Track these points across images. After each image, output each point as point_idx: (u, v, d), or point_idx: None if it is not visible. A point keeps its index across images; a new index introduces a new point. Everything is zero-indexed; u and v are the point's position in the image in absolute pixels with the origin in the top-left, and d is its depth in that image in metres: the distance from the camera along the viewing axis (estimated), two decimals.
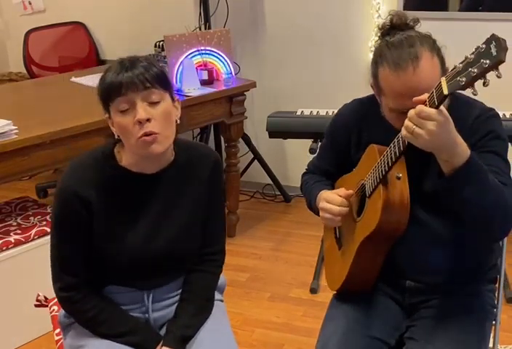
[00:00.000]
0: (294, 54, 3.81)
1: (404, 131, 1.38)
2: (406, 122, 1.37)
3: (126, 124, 1.50)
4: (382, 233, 1.54)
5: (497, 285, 1.80)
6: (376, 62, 1.55)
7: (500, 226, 1.51)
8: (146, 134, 1.50)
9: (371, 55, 1.65)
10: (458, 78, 1.25)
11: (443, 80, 1.29)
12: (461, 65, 1.26)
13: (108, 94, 1.51)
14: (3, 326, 2.53)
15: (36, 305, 1.93)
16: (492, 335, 1.76)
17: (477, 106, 1.64)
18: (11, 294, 2.54)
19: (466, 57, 1.25)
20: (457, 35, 2.70)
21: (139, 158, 1.59)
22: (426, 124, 1.33)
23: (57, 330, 1.81)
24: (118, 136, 1.57)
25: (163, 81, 1.54)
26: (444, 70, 1.52)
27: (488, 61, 1.21)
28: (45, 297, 1.92)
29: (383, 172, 1.51)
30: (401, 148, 1.45)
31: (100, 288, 1.67)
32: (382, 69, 1.52)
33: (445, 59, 1.54)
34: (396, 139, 1.47)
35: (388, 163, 1.49)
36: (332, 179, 1.85)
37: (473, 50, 1.24)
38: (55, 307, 1.88)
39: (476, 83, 1.26)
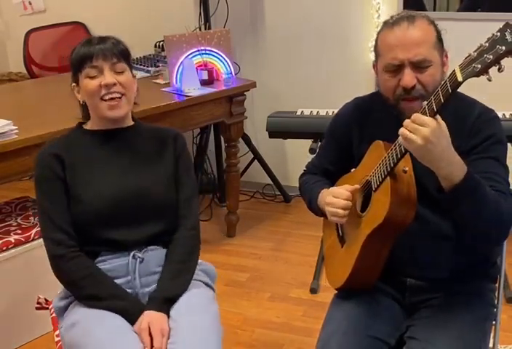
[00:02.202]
0: (294, 54, 3.81)
1: (400, 138, 1.41)
2: (402, 129, 1.39)
3: (93, 87, 1.74)
4: (391, 225, 1.54)
5: (497, 285, 1.81)
6: (377, 36, 1.63)
7: (496, 234, 1.56)
8: (112, 98, 1.74)
9: (371, 55, 1.66)
10: (473, 65, 1.27)
11: (456, 68, 1.31)
12: (475, 53, 1.28)
13: (80, 63, 1.75)
14: (3, 326, 2.53)
15: (37, 308, 1.92)
16: (492, 335, 1.76)
17: (477, 106, 1.65)
18: (11, 294, 2.54)
19: (480, 45, 1.27)
20: (457, 36, 2.69)
21: (101, 120, 1.81)
22: (420, 130, 1.35)
23: (57, 331, 1.81)
24: (83, 102, 1.80)
25: (127, 58, 1.80)
26: (441, 47, 1.59)
27: (504, 47, 1.23)
28: (45, 299, 1.91)
29: (391, 164, 1.51)
30: None
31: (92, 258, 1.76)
32: (381, 33, 1.62)
33: (443, 40, 1.61)
34: None
35: (396, 155, 1.49)
36: (332, 178, 1.85)
37: (486, 39, 1.27)
38: None
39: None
